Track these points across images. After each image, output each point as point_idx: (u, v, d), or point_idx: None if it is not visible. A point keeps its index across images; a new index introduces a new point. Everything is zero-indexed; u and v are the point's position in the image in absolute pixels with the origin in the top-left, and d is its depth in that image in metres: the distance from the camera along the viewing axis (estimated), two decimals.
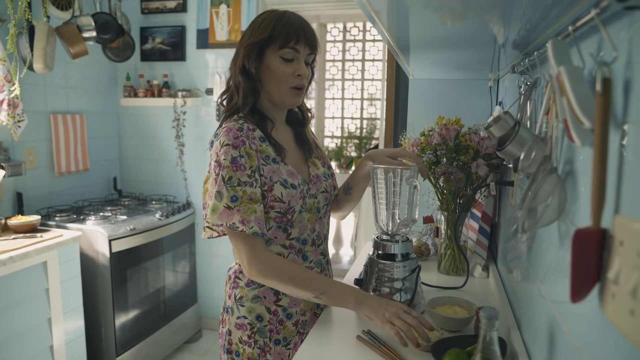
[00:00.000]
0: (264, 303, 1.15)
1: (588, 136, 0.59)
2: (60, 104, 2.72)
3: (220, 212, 1.05)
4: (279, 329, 1.16)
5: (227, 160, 1.06)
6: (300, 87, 1.15)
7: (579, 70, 0.58)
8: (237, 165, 1.06)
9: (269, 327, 1.15)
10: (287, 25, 1.10)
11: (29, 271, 1.93)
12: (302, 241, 1.17)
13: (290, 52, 1.11)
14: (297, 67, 1.12)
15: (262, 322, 1.15)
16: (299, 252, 1.17)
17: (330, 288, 1.08)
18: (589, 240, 0.52)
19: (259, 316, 1.15)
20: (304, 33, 1.11)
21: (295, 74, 1.12)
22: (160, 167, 3.17)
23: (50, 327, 2.04)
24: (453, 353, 0.89)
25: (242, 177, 1.06)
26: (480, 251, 1.53)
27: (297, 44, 1.10)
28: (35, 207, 2.52)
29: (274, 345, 1.15)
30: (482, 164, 1.36)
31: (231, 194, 1.05)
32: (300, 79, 1.13)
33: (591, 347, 0.58)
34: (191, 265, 3.03)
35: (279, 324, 1.16)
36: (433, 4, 0.85)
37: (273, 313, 1.15)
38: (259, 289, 1.15)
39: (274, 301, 1.15)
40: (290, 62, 1.11)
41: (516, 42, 1.07)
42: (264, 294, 1.15)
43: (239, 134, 1.08)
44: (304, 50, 1.12)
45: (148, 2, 3.07)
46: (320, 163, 1.27)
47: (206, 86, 3.04)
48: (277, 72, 1.11)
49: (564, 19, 0.73)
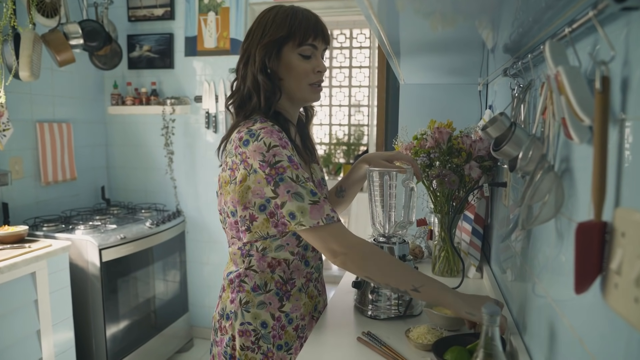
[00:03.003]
0: (269, 309, 1.13)
1: (586, 133, 0.61)
2: (46, 113, 2.69)
3: (309, 210, 0.99)
4: (281, 334, 1.14)
5: (284, 160, 1.01)
6: (320, 83, 1.15)
7: (577, 69, 0.60)
8: (294, 163, 1.02)
9: (272, 333, 1.13)
10: (305, 22, 1.08)
11: (17, 282, 1.89)
12: (304, 246, 1.15)
13: (309, 49, 1.10)
14: (316, 63, 1.12)
15: (266, 329, 1.12)
16: (302, 258, 1.15)
17: (428, 282, 1.02)
18: (592, 233, 0.54)
19: (264, 323, 1.12)
20: (320, 29, 1.11)
21: (315, 71, 1.11)
22: (149, 176, 3.15)
23: (39, 339, 2.00)
24: (455, 351, 0.90)
25: (304, 174, 1.03)
26: (473, 252, 1.56)
27: (315, 40, 1.10)
28: (21, 218, 2.47)
29: (276, 350, 1.14)
30: (475, 166, 1.39)
31: (308, 189, 1.01)
32: (320, 75, 1.13)
33: (593, 338, 0.59)
34: (182, 273, 3.01)
35: (281, 330, 1.14)
36: (424, 9, 0.87)
37: (277, 319, 1.13)
38: (265, 294, 1.12)
39: (278, 307, 1.13)
40: (309, 58, 1.11)
41: (507, 46, 1.10)
42: (269, 300, 1.12)
43: (282, 135, 1.05)
44: (321, 45, 1.13)
45: (135, 10, 3.06)
46: (318, 168, 1.27)
47: (195, 94, 3.03)
48: (297, 69, 1.10)
49: (557, 22, 0.76)
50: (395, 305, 1.19)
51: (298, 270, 1.15)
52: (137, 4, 3.04)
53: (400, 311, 1.19)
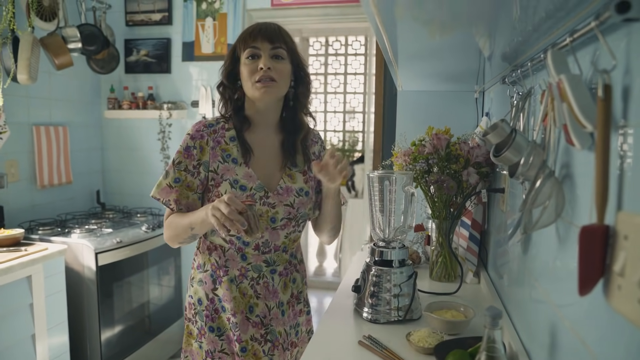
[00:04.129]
0: (204, 288, 1.25)
1: (587, 139, 0.63)
2: (43, 116, 2.68)
3: (162, 188, 1.20)
4: (214, 317, 1.24)
5: (182, 147, 1.21)
6: (266, 80, 1.17)
7: (579, 77, 0.62)
8: (189, 154, 1.20)
9: (205, 312, 1.25)
10: (244, 33, 1.21)
11: (12, 286, 1.88)
12: (243, 241, 1.21)
13: (250, 50, 1.18)
14: (260, 62, 1.17)
15: (201, 306, 1.25)
16: (239, 251, 1.23)
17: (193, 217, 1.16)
18: (595, 236, 0.55)
19: (200, 300, 1.26)
20: (259, 30, 1.19)
21: (257, 69, 1.17)
22: (145, 180, 3.14)
23: (34, 343, 1.98)
24: (456, 354, 0.92)
25: (189, 165, 1.20)
26: (471, 258, 1.57)
27: (255, 42, 1.18)
28: (16, 221, 2.46)
29: (208, 331, 1.24)
30: (473, 172, 1.40)
31: (176, 175, 1.20)
32: (262, 71, 1.16)
33: (596, 339, 0.61)
34: (176, 278, 2.99)
35: (214, 312, 1.24)
36: (423, 18, 0.89)
37: (210, 300, 1.24)
38: (203, 273, 1.26)
39: (212, 289, 1.24)
40: (254, 60, 1.18)
41: (505, 54, 1.12)
42: (205, 279, 1.25)
43: (203, 129, 1.22)
44: (264, 45, 1.18)
45: (133, 15, 3.06)
46: (302, 179, 1.27)
47: (191, 99, 3.04)
48: (244, 72, 1.20)
49: (557, 31, 0.78)
50: (395, 309, 1.20)
51: (233, 261, 1.23)
52: (135, 8, 3.05)
53: (400, 315, 1.20)
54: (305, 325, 1.36)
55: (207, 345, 1.24)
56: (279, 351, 1.25)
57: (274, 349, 1.25)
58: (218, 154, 1.21)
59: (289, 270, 1.28)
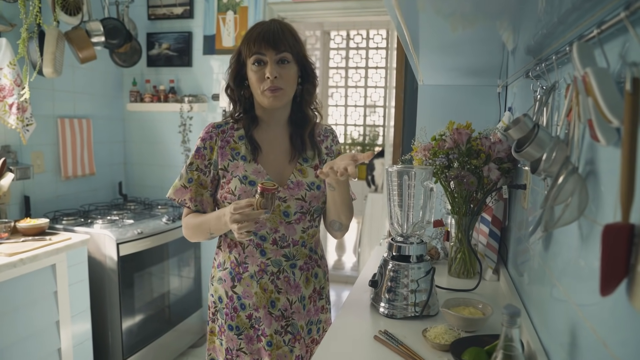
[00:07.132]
0: (224, 286, 1.28)
1: (613, 135, 0.61)
2: (67, 109, 2.74)
3: (177, 189, 1.27)
4: (233, 316, 1.26)
5: (194, 150, 1.28)
6: (274, 89, 1.18)
7: (605, 71, 0.60)
8: (200, 154, 1.26)
9: (225, 310, 1.27)
10: (248, 37, 1.20)
11: (38, 274, 1.93)
12: (260, 237, 1.23)
13: (255, 57, 1.19)
14: (266, 70, 1.18)
15: (222, 304, 1.29)
16: (258, 247, 1.24)
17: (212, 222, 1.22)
18: (619, 235, 0.53)
19: (220, 298, 1.29)
20: (262, 37, 1.17)
21: (264, 77, 1.18)
22: (166, 172, 3.18)
23: (58, 330, 2.04)
24: (473, 352, 0.90)
25: (200, 165, 1.26)
26: (490, 254, 1.55)
27: (260, 50, 1.18)
28: (42, 211, 2.52)
29: (227, 329, 1.26)
30: (494, 168, 1.38)
31: (189, 176, 1.26)
32: (269, 81, 1.17)
33: (618, 341, 0.59)
34: (196, 270, 3.03)
35: (233, 311, 1.26)
36: (444, 11, 0.87)
37: (229, 298, 1.27)
38: (222, 271, 1.29)
39: (231, 287, 1.27)
40: (260, 67, 1.19)
41: (530, 47, 1.09)
42: (224, 277, 1.28)
43: (212, 130, 1.28)
44: (269, 52, 1.18)
45: (155, 9, 3.10)
46: (313, 173, 1.28)
47: (212, 92, 3.06)
48: (251, 79, 1.22)
49: (584, 23, 0.75)
50: (412, 304, 1.20)
51: (252, 257, 1.24)
52: (157, 2, 3.08)
53: (417, 311, 1.19)
54: (326, 323, 1.37)
55: (226, 343, 1.27)
56: (300, 345, 1.27)
57: (295, 342, 1.27)
58: (227, 152, 1.25)
59: (309, 265, 1.29)
